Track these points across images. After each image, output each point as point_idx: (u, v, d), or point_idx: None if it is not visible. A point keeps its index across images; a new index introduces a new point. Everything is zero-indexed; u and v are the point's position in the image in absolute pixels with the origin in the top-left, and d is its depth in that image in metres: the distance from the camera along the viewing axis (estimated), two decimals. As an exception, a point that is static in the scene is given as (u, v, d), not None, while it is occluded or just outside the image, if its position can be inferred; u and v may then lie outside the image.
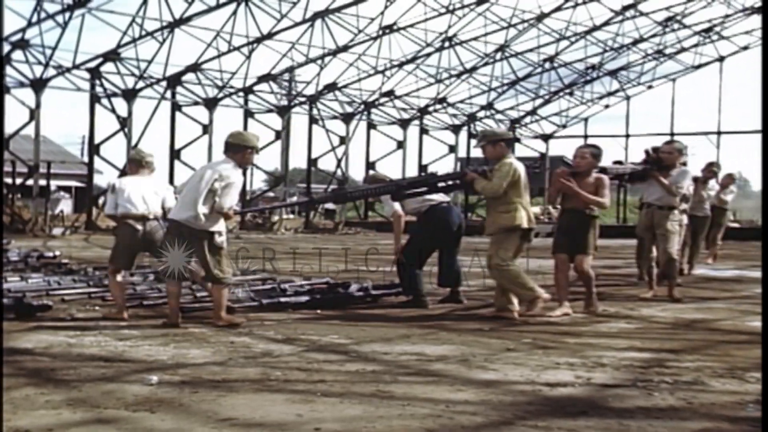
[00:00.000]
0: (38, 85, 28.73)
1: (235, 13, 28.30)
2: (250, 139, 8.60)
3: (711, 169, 15.42)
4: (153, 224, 8.86)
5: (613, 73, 39.64)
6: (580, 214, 9.48)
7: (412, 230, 10.39)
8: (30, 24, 26.86)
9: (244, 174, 10.36)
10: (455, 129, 40.51)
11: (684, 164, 11.57)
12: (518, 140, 40.04)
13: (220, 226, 8.30)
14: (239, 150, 8.41)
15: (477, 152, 41.67)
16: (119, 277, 8.85)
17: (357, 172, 41.06)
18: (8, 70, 27.71)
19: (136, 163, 9.22)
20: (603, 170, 9.92)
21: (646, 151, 11.28)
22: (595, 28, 34.24)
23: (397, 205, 10.07)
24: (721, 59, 38.79)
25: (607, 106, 41.71)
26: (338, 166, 36.65)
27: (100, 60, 29.71)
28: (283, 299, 9.66)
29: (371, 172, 12.49)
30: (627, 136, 40.36)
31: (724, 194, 16.62)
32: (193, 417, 4.86)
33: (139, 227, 8.82)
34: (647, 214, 11.18)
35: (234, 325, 8.19)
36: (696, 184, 13.55)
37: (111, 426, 4.66)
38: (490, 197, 9.19)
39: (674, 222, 11.04)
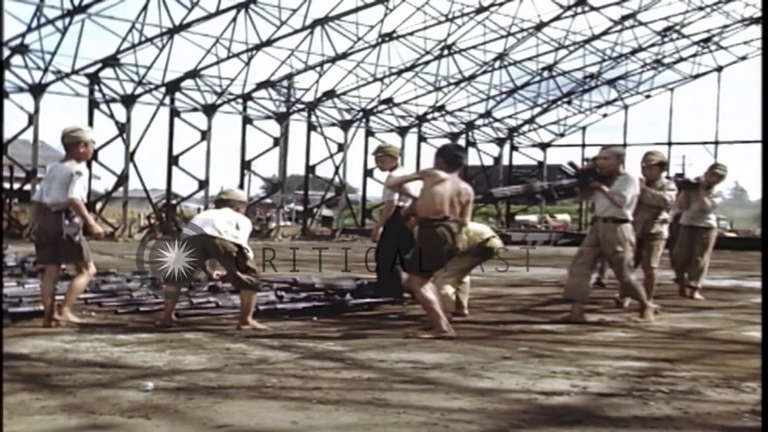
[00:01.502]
0: (37, 90, 28.75)
1: (234, 19, 28.33)
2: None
3: (714, 172, 12.97)
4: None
5: (611, 83, 39.70)
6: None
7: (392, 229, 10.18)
8: (29, 29, 26.89)
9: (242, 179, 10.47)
10: (453, 137, 40.52)
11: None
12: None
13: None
14: None
15: (474, 160, 41.64)
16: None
17: (355, 180, 41.06)
18: (7, 74, 27.71)
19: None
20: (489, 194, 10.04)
21: (570, 163, 10.50)
22: (594, 38, 34.30)
23: (395, 196, 9.94)
24: (720, 69, 38.86)
25: (605, 116, 41.77)
26: (336, 173, 36.67)
27: (99, 65, 29.72)
28: (279, 306, 9.65)
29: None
30: (625, 145, 40.34)
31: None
32: (188, 423, 4.85)
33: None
34: (593, 228, 10.08)
35: (258, 330, 8.32)
36: (698, 189, 12.57)
37: (106, 432, 4.66)
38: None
39: (623, 238, 9.69)
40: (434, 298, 8.21)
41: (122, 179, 30.96)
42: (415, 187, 9.22)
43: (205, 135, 32.62)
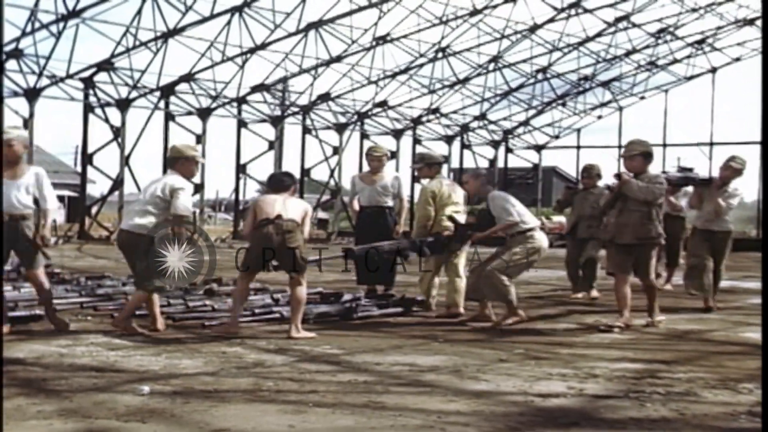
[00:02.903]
0: (32, 94, 28.69)
1: (229, 23, 28.29)
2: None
3: (729, 165, 11.27)
4: None
5: (605, 84, 39.72)
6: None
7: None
8: (24, 34, 26.83)
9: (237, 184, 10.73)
10: (448, 139, 40.54)
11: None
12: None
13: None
14: None
15: (469, 163, 41.66)
16: None
17: (349, 182, 41.03)
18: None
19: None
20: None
21: (449, 217, 10.10)
22: (588, 40, 34.31)
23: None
24: (714, 70, 38.90)
25: (599, 117, 41.78)
26: (331, 176, 36.66)
27: (93, 70, 29.67)
28: (275, 309, 9.64)
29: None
30: (620, 147, 40.28)
31: (677, 198, 13.06)
32: (184, 427, 4.85)
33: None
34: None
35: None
36: (710, 188, 11.30)
37: (102, 436, 4.65)
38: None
39: (516, 249, 9.40)
40: None
41: (117, 183, 30.91)
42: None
43: (200, 138, 32.57)
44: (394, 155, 36.63)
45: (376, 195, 11.56)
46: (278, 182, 8.90)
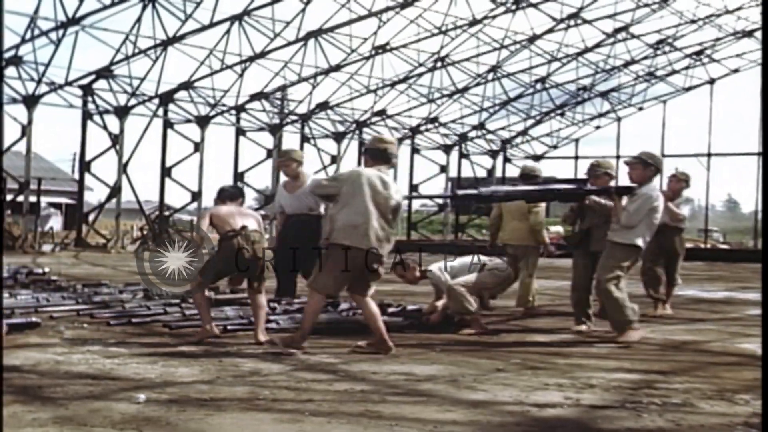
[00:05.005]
0: (30, 101, 28.71)
1: (228, 31, 28.34)
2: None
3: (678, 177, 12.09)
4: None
5: (604, 95, 39.81)
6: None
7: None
8: (23, 40, 26.87)
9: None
10: (446, 149, 40.58)
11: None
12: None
13: None
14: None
15: (467, 172, 41.59)
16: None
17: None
18: (0, 86, 27.68)
19: None
20: None
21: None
22: (587, 50, 34.40)
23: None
24: (712, 81, 39.00)
25: (598, 128, 41.86)
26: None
27: (92, 77, 29.70)
28: (271, 317, 9.62)
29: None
30: (618, 157, 40.38)
31: (677, 206, 12.10)
32: (180, 436, 4.84)
33: None
34: None
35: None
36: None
37: (97, 444, 4.64)
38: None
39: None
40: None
41: (115, 191, 30.90)
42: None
43: (198, 146, 32.60)
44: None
45: (297, 202, 11.07)
46: (231, 194, 9.22)
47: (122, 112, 30.62)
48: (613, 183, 10.14)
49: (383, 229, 7.90)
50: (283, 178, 11.92)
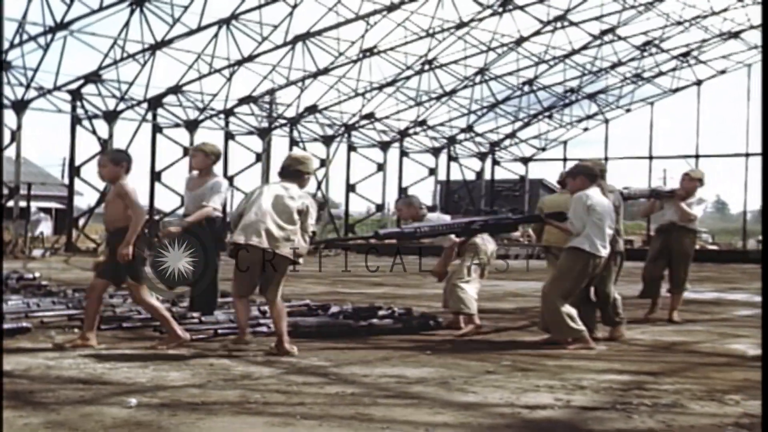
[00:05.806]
0: (19, 106, 28.66)
1: (216, 35, 28.34)
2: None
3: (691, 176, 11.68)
4: None
5: (591, 97, 39.92)
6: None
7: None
8: (12, 45, 26.81)
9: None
10: (435, 151, 40.62)
11: None
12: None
13: None
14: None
15: (456, 175, 41.60)
16: None
17: (337, 195, 41.05)
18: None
19: None
20: None
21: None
22: (574, 52, 34.49)
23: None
24: (699, 83, 39.16)
25: (585, 129, 41.98)
26: (318, 188, 36.66)
27: (81, 82, 29.67)
28: (262, 321, 9.62)
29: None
30: (606, 159, 40.56)
31: (689, 206, 11.59)
32: (172, 440, 4.84)
33: None
34: None
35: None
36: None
37: (89, 449, 4.63)
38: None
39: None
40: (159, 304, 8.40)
41: (105, 195, 30.84)
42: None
43: (187, 151, 32.54)
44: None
45: (192, 201, 10.47)
46: None
47: (111, 117, 30.58)
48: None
49: (282, 229, 7.92)
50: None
